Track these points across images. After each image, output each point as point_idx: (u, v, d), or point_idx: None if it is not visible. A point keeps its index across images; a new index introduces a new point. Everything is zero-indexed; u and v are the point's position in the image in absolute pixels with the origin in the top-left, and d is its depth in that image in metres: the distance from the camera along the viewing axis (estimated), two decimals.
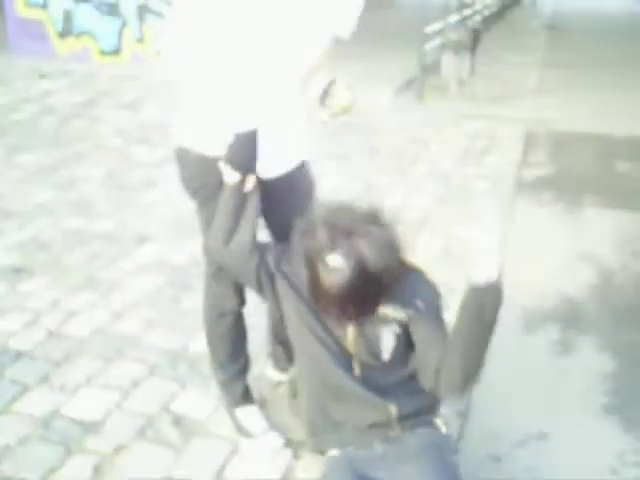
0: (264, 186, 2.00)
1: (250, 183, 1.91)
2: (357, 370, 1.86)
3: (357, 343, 1.84)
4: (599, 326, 3.11)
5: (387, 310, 1.80)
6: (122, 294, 3.21)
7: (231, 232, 1.93)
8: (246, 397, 2.38)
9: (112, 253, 3.60)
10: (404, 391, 1.86)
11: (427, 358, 1.80)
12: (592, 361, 2.85)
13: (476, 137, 5.92)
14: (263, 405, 2.45)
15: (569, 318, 3.16)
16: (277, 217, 2.17)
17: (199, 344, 2.81)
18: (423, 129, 6.01)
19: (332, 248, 1.67)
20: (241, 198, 1.92)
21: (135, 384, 2.59)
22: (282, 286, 1.91)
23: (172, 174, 4.94)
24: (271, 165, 2.03)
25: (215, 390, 2.49)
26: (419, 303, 1.79)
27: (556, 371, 2.77)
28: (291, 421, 2.37)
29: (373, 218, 1.75)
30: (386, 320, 1.81)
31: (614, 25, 11.80)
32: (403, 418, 1.86)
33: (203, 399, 2.51)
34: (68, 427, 2.36)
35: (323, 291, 1.72)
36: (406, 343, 1.84)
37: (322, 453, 1.99)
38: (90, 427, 2.36)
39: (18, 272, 3.38)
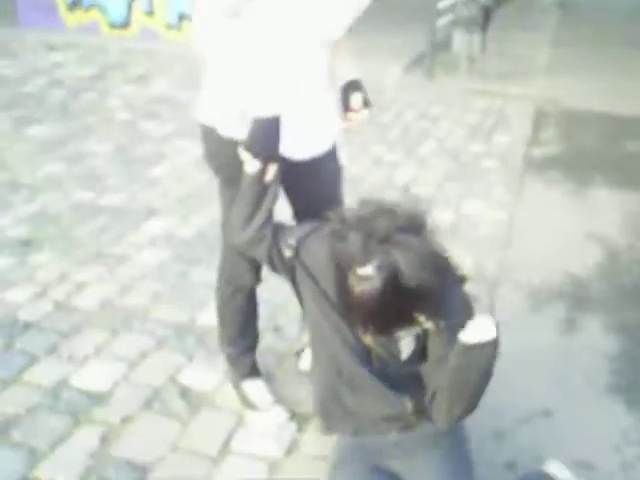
0: (292, 168, 1.98)
1: (271, 173, 1.81)
2: (374, 363, 1.80)
3: (376, 340, 1.77)
4: (605, 305, 3.11)
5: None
6: (130, 267, 3.23)
7: (248, 220, 1.84)
8: (253, 371, 2.40)
9: (120, 227, 3.62)
10: (420, 385, 1.80)
11: (430, 375, 1.76)
12: (598, 340, 2.85)
13: (486, 114, 5.88)
14: (269, 379, 2.48)
15: (576, 297, 3.16)
16: (303, 201, 2.16)
17: (206, 317, 2.84)
18: (432, 106, 5.98)
19: (364, 257, 1.52)
20: (261, 187, 1.82)
21: (142, 356, 2.61)
22: (300, 273, 1.81)
23: (181, 148, 4.97)
24: (302, 147, 2.01)
25: (222, 363, 2.52)
26: (442, 322, 1.68)
27: (562, 349, 2.77)
28: (297, 395, 2.39)
29: (414, 226, 1.58)
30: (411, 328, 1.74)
31: (627, 2, 11.63)
32: (419, 412, 1.81)
33: (210, 372, 2.54)
34: (76, 397, 2.39)
35: (349, 298, 1.58)
36: (425, 342, 1.77)
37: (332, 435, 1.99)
38: (98, 398, 2.39)
39: (27, 244, 3.40)
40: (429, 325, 1.69)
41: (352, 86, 2.10)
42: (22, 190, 4.01)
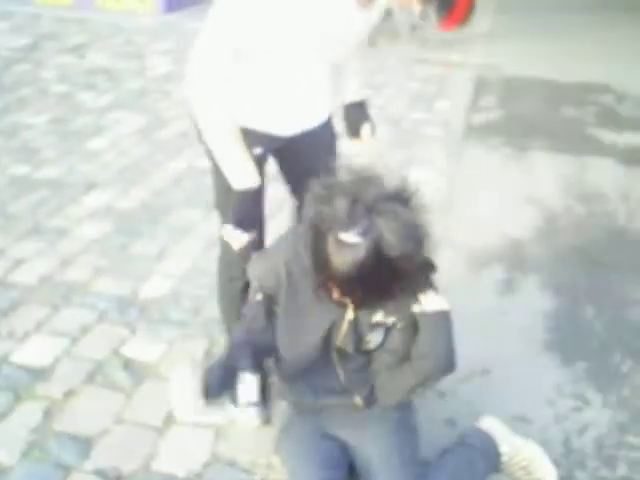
0: (283, 143, 1.99)
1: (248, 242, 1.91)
2: (334, 357, 1.83)
3: (347, 337, 1.79)
4: (542, 266, 3.20)
5: (379, 317, 1.76)
6: (70, 241, 3.18)
7: None
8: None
9: (59, 200, 3.54)
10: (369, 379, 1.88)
11: (382, 363, 1.85)
12: (534, 300, 2.94)
13: (427, 82, 5.92)
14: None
15: (513, 259, 3.24)
16: (297, 172, 2.13)
17: (148, 289, 2.83)
18: (375, 74, 5.98)
19: (349, 222, 1.47)
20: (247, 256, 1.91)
21: (84, 330, 2.59)
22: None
23: (120, 120, 4.87)
24: (292, 122, 2.01)
25: (165, 334, 2.51)
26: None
27: (500, 310, 2.85)
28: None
29: (401, 198, 1.54)
30: (379, 325, 1.79)
31: None
32: (370, 403, 1.90)
33: (153, 343, 2.53)
34: (17, 374, 2.36)
35: (328, 268, 1.52)
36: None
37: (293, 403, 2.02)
38: (39, 373, 2.37)
39: None
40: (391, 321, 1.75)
41: (360, 114, 2.19)
42: None
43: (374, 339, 1.81)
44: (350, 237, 1.47)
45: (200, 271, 2.95)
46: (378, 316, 1.77)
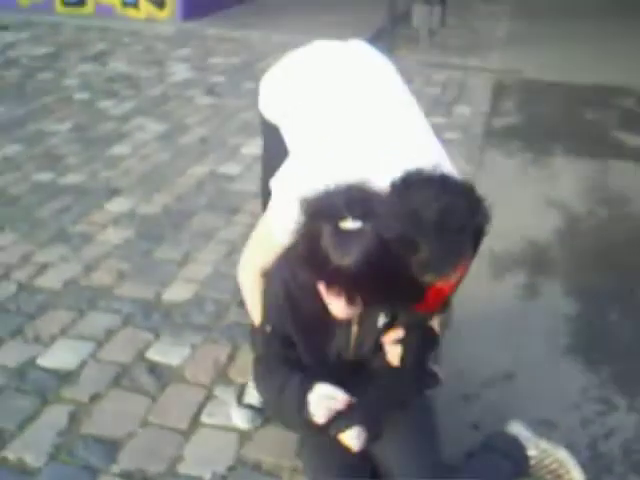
0: None
1: None
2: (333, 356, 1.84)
3: (355, 346, 1.80)
4: (564, 270, 3.18)
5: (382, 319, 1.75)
6: (93, 247, 3.21)
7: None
8: None
9: (82, 206, 3.58)
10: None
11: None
12: (558, 304, 2.93)
13: (446, 87, 5.92)
14: (236, 350, 2.49)
15: (536, 263, 3.23)
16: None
17: (172, 294, 2.85)
18: None
19: (347, 209, 1.42)
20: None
21: (109, 334, 2.61)
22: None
23: (141, 126, 4.91)
24: None
25: (188, 338, 2.53)
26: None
27: (523, 314, 2.84)
28: None
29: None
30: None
31: None
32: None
33: (177, 347, 2.54)
34: (43, 377, 2.38)
35: (329, 268, 1.44)
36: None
37: None
38: (65, 377, 2.39)
39: None
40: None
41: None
42: None
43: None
44: (351, 224, 1.42)
45: (222, 276, 2.96)
46: (382, 319, 1.76)
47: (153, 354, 2.51)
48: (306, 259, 1.50)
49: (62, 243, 3.23)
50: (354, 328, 1.78)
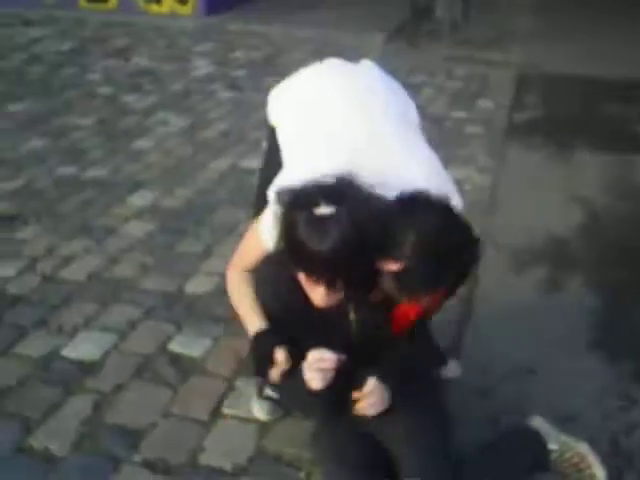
0: None
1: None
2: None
3: (359, 331, 1.82)
4: (586, 265, 3.16)
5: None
6: (117, 240, 3.25)
7: None
8: None
9: (105, 200, 3.62)
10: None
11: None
12: (579, 299, 2.91)
13: (468, 81, 5.89)
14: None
15: (557, 258, 3.21)
16: None
17: (194, 287, 2.88)
18: (415, 73, 5.96)
19: (321, 195, 1.49)
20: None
21: (132, 326, 2.64)
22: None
23: (164, 120, 4.95)
24: None
25: (210, 331, 2.56)
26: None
27: (544, 308, 2.82)
28: None
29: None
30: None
31: None
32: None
33: (199, 339, 2.57)
34: (67, 368, 2.42)
35: (306, 257, 1.50)
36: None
37: None
38: (89, 368, 2.42)
39: (12, 220, 3.39)
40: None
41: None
42: (5, 166, 4.00)
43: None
44: (325, 209, 1.47)
45: None
46: (372, 296, 1.75)
47: (175, 346, 2.54)
48: (285, 250, 1.56)
49: (86, 236, 3.27)
50: (351, 316, 1.79)
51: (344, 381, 1.76)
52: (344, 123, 1.90)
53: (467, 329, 2.66)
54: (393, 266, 1.54)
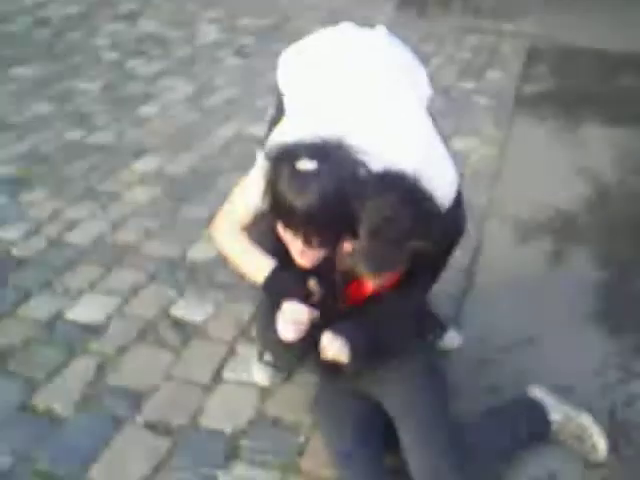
0: None
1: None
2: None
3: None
4: (592, 238, 3.14)
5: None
6: (121, 205, 3.25)
7: None
8: None
9: (111, 165, 3.61)
10: None
11: None
12: (583, 271, 2.90)
13: (478, 51, 5.81)
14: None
15: (563, 230, 3.20)
16: None
17: (196, 253, 2.88)
18: (424, 44, 5.89)
19: (305, 152, 1.51)
20: None
21: (135, 290, 2.66)
22: None
23: (170, 86, 4.91)
24: None
25: (212, 296, 2.57)
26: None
27: (548, 280, 2.82)
28: None
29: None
30: None
31: None
32: None
33: (201, 304, 2.58)
34: (71, 330, 2.44)
35: (286, 212, 1.53)
36: None
37: None
38: (93, 330, 2.44)
39: (18, 183, 3.40)
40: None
41: None
42: (11, 130, 3.99)
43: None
44: (307, 164, 1.49)
45: None
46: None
47: (177, 310, 2.55)
48: (268, 202, 1.59)
49: (90, 201, 3.27)
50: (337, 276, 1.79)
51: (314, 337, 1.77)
52: (347, 92, 1.88)
53: (468, 299, 2.66)
54: (347, 243, 1.58)
